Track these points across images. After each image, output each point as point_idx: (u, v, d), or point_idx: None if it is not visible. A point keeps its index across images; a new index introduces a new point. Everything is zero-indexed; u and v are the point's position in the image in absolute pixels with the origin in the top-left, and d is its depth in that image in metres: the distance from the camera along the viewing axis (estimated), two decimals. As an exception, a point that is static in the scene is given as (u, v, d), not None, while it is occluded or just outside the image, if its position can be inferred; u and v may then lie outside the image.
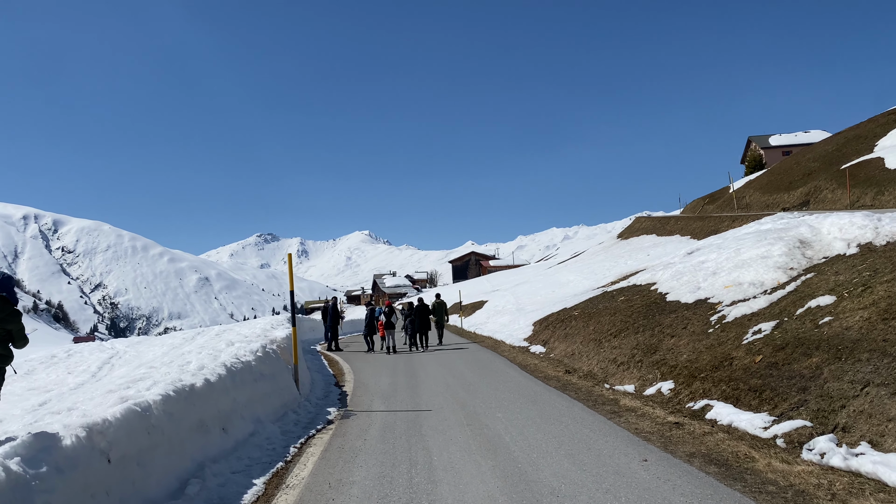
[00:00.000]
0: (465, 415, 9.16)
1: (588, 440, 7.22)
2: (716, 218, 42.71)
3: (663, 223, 52.65)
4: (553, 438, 7.38)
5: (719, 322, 11.58)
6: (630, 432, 7.53)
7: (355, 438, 7.93)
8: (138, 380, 6.50)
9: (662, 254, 33.89)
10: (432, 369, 15.09)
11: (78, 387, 11.15)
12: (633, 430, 7.66)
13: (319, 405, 10.43)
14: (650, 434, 7.39)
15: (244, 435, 7.24)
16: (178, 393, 5.88)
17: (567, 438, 7.35)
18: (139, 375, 7.29)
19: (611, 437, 7.28)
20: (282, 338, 10.92)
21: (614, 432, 7.55)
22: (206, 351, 9.54)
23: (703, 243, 22.96)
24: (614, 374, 12.19)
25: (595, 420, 8.33)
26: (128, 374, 9.19)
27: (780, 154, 78.28)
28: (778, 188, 49.14)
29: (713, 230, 37.32)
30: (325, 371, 15.97)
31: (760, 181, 55.39)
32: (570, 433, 7.61)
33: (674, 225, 49.16)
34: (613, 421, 8.24)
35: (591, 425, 8.01)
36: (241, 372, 7.86)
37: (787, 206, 42.24)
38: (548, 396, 10.40)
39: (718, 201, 60.17)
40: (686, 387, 9.56)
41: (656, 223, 54.69)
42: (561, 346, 16.63)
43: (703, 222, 43.35)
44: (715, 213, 51.04)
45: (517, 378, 12.83)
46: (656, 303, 15.25)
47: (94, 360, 16.06)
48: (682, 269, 17.14)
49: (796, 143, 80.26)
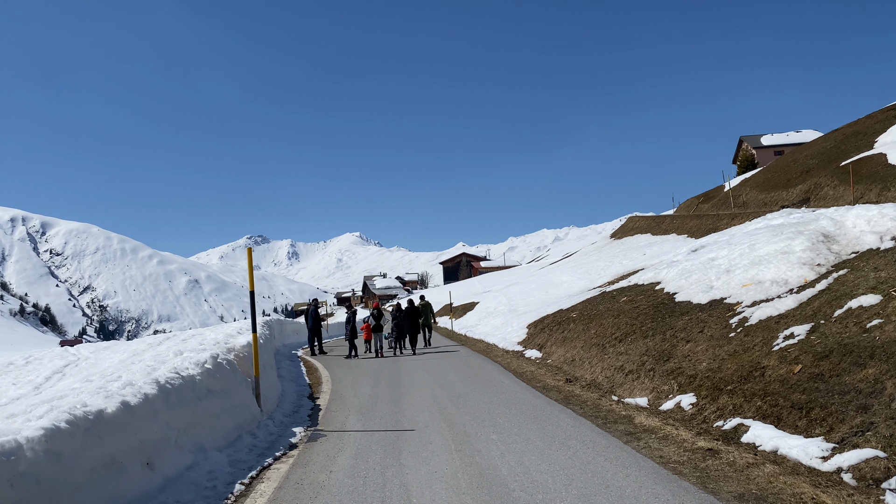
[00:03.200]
0: (453, 436, 7.77)
1: (604, 474, 5.84)
2: (713, 216, 41.52)
3: (658, 222, 51.43)
4: (561, 471, 6.00)
5: (741, 325, 10.24)
6: (654, 462, 6.15)
7: (319, 470, 6.52)
8: (36, 405, 5.09)
9: (660, 252, 32.63)
10: (418, 377, 13.68)
11: (9, 402, 9.69)
12: (658, 458, 6.28)
13: (284, 424, 9.00)
14: (680, 465, 6.02)
15: (178, 469, 5.82)
16: (72, 424, 4.47)
17: (578, 471, 5.97)
18: (50, 396, 5.87)
19: (632, 470, 5.91)
20: (241, 345, 9.51)
21: (635, 462, 6.17)
22: (144, 363, 8.12)
23: (707, 240, 21.67)
24: (622, 384, 10.83)
25: (609, 444, 6.95)
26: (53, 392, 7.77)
27: (773, 154, 77.67)
28: (775, 186, 48.01)
29: (712, 228, 36.10)
30: (301, 380, 14.53)
31: (756, 179, 54.26)
32: (580, 463, 6.23)
33: (669, 224, 47.95)
34: (631, 445, 6.86)
35: (604, 451, 6.64)
36: (179, 389, 6.44)
37: (785, 204, 41.08)
38: (549, 412, 9.01)
39: (713, 200, 59.03)
40: (711, 401, 8.20)
41: (651, 222, 53.46)
42: (559, 350, 15.26)
43: (700, 220, 42.15)
44: (710, 211, 49.89)
45: (512, 388, 11.45)
46: (664, 303, 13.91)
47: (47, 369, 14.57)
48: (689, 266, 15.82)
49: (788, 142, 79.79)
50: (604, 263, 38.38)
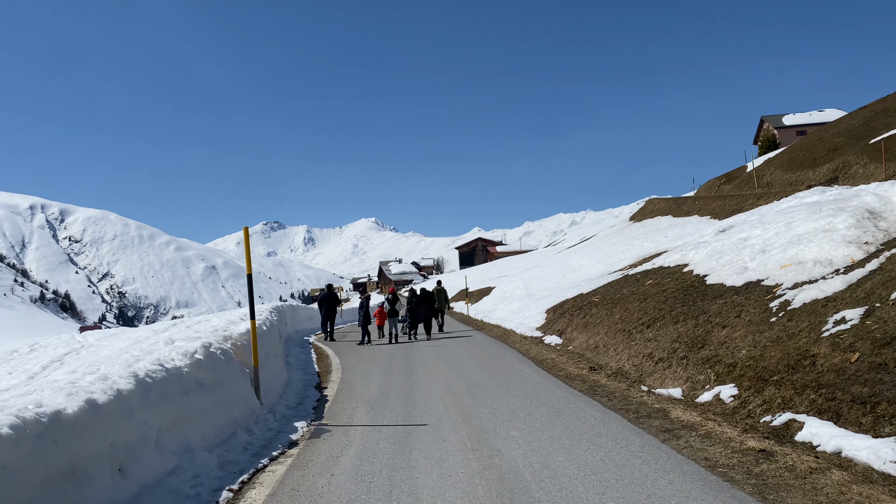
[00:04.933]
0: (469, 432, 7.04)
1: (643, 480, 5.07)
2: (737, 196, 40.38)
3: (679, 204, 50.26)
4: (592, 476, 5.25)
5: (783, 309, 9.39)
6: (700, 465, 5.38)
7: (319, 473, 5.81)
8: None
9: (682, 235, 31.66)
10: (433, 365, 12.97)
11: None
12: (703, 461, 5.50)
13: (286, 418, 8.30)
14: (730, 469, 5.24)
15: (157, 474, 5.13)
16: (18, 430, 3.76)
17: (612, 476, 5.21)
18: (7, 395, 5.20)
19: (675, 475, 5.14)
20: (240, 333, 8.81)
21: (677, 465, 5.40)
22: (129, 354, 7.45)
23: (734, 220, 20.73)
24: (652, 372, 10.04)
25: (644, 443, 6.18)
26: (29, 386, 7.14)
27: (795, 134, 76.09)
28: (801, 165, 46.69)
29: (736, 209, 35.02)
30: (310, 368, 13.87)
31: (781, 159, 52.88)
32: (613, 466, 5.47)
33: (691, 205, 46.78)
34: (670, 445, 6.08)
35: (640, 452, 5.87)
36: (162, 383, 5.73)
37: (812, 183, 39.84)
38: (574, 404, 8.25)
39: (735, 181, 57.70)
40: (755, 393, 7.39)
41: (671, 204, 52.27)
42: (581, 337, 14.47)
43: (724, 201, 41.00)
44: (733, 192, 48.68)
45: (533, 377, 10.70)
46: (694, 286, 13.06)
47: (46, 357, 14.02)
48: (719, 247, 14.93)
49: (811, 122, 78.09)
50: (624, 246, 37.42)
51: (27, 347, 18.11)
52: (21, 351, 17.56)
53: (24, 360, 14.82)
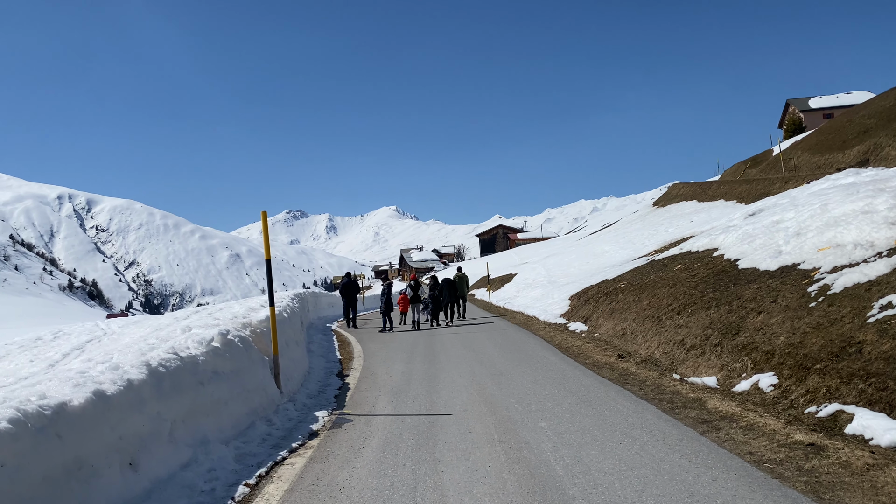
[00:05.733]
0: (495, 423, 6.75)
1: (684, 476, 4.75)
2: (764, 180, 39.48)
3: (704, 188, 49.35)
4: (629, 471, 4.93)
5: (822, 293, 8.96)
6: (744, 460, 5.04)
7: (340, 467, 5.56)
8: None
9: (708, 219, 31.01)
10: (456, 352, 12.70)
11: (13, 382, 8.97)
12: (748, 455, 5.16)
13: (307, 407, 8.08)
14: (778, 465, 4.89)
15: (171, 469, 4.91)
16: (18, 424, 3.52)
17: (650, 471, 4.90)
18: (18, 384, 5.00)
19: (719, 471, 4.81)
20: (259, 320, 8.59)
21: (720, 460, 5.06)
22: (146, 342, 7.26)
23: (764, 204, 20.16)
24: (684, 360, 9.67)
25: (682, 435, 5.84)
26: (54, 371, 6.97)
27: (822, 117, 74.48)
28: (830, 148, 45.60)
29: (763, 192, 34.21)
30: (332, 355, 13.68)
31: (808, 142, 51.71)
32: (651, 460, 5.15)
33: (716, 190, 45.89)
34: (709, 437, 5.74)
35: (678, 445, 5.54)
36: (176, 373, 5.51)
37: (841, 166, 38.85)
38: (604, 393, 7.92)
39: (761, 165, 56.60)
40: (798, 382, 7.01)
41: (696, 189, 51.36)
42: (607, 323, 14.10)
43: (750, 185, 40.12)
44: (759, 176, 47.70)
45: (559, 365, 10.38)
46: (726, 271, 12.62)
47: (68, 345, 13.97)
48: (750, 231, 14.45)
49: (838, 104, 76.33)
50: (648, 232, 36.81)
51: (51, 335, 18.15)
52: (45, 338, 17.59)
53: (47, 347, 14.79)
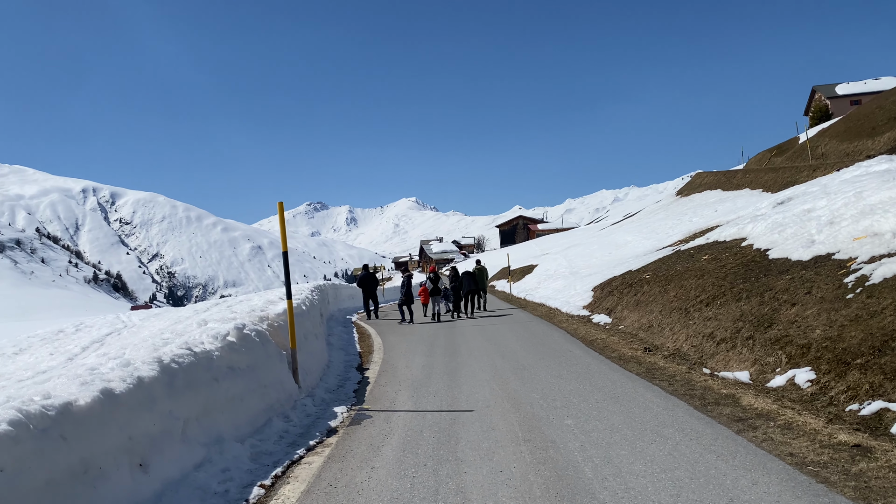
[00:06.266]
0: (519, 420, 6.51)
1: (721, 480, 4.48)
2: (791, 168, 38.69)
3: (728, 177, 48.55)
4: (662, 474, 4.67)
5: (860, 284, 8.58)
6: (786, 462, 4.75)
7: (359, 466, 5.36)
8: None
9: (733, 209, 30.43)
10: (477, 345, 12.46)
11: (32, 376, 8.89)
12: (788, 457, 4.87)
13: (325, 402, 7.89)
14: (822, 468, 4.59)
15: (183, 469, 4.73)
16: (19, 426, 3.34)
17: (685, 474, 4.63)
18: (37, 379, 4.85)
19: (759, 474, 4.52)
20: (276, 314, 8.41)
21: (759, 462, 4.78)
22: (161, 336, 7.11)
23: (793, 192, 19.64)
24: (713, 354, 9.34)
25: (716, 434, 5.56)
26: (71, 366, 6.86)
27: (849, 103, 72.90)
28: (859, 135, 44.57)
29: (790, 181, 33.51)
30: (352, 348, 13.51)
31: (836, 129, 50.59)
32: (685, 462, 4.88)
33: (741, 178, 45.11)
34: (745, 437, 5.45)
35: (713, 445, 5.26)
36: (189, 369, 5.33)
37: (871, 154, 37.93)
38: (632, 389, 7.65)
39: (787, 153, 55.53)
40: (837, 378, 6.68)
41: (720, 178, 50.56)
42: (632, 315, 13.77)
43: (776, 174, 39.35)
44: (785, 164, 46.78)
45: (583, 359, 10.10)
46: (756, 261, 12.24)
47: (88, 338, 13.96)
48: (780, 220, 14.02)
49: (866, 91, 74.59)
50: (671, 222, 36.26)
51: (73, 328, 18.22)
52: (67, 331, 17.65)
53: (68, 340, 14.81)
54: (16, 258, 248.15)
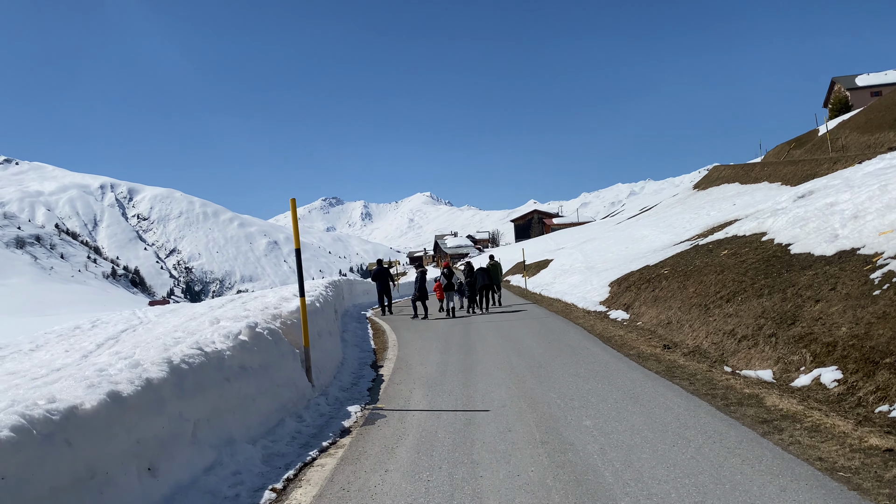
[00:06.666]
0: (536, 420, 6.36)
1: (748, 486, 4.31)
2: (811, 161, 38.10)
3: (747, 170, 47.93)
4: (685, 479, 4.51)
5: (887, 280, 8.33)
6: (815, 468, 4.57)
7: (372, 469, 5.24)
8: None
9: (752, 202, 30.01)
10: (493, 342, 12.32)
11: (46, 374, 8.86)
12: (818, 462, 4.69)
13: (339, 401, 7.79)
14: (854, 474, 4.41)
15: (193, 472, 4.63)
16: (21, 432, 3.25)
17: (709, 480, 4.47)
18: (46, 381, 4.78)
19: (786, 480, 4.35)
20: (289, 311, 8.31)
21: (786, 467, 4.61)
22: (172, 335, 7.03)
23: (813, 185, 19.29)
24: (735, 351, 9.14)
25: (741, 437, 5.38)
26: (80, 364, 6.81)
27: (869, 95, 71.81)
28: (880, 126, 43.88)
29: (810, 174, 33.00)
30: (366, 345, 13.42)
31: (857, 121, 49.83)
32: (709, 466, 4.72)
33: (759, 172, 44.51)
34: (771, 440, 5.27)
35: (737, 448, 5.09)
36: (200, 369, 5.23)
37: (893, 145, 37.30)
38: (652, 388, 7.47)
39: (806, 145, 54.78)
40: (865, 378, 6.47)
41: (738, 171, 49.93)
42: (650, 312, 13.57)
43: (796, 167, 38.78)
44: (804, 157, 46.13)
45: (601, 356, 9.93)
46: (777, 256, 11.99)
47: (104, 335, 13.96)
48: (802, 214, 13.73)
49: (887, 82, 73.56)
50: (689, 216, 35.86)
51: (89, 324, 18.25)
52: (83, 327, 17.68)
53: (84, 336, 14.82)
54: (36, 254, 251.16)
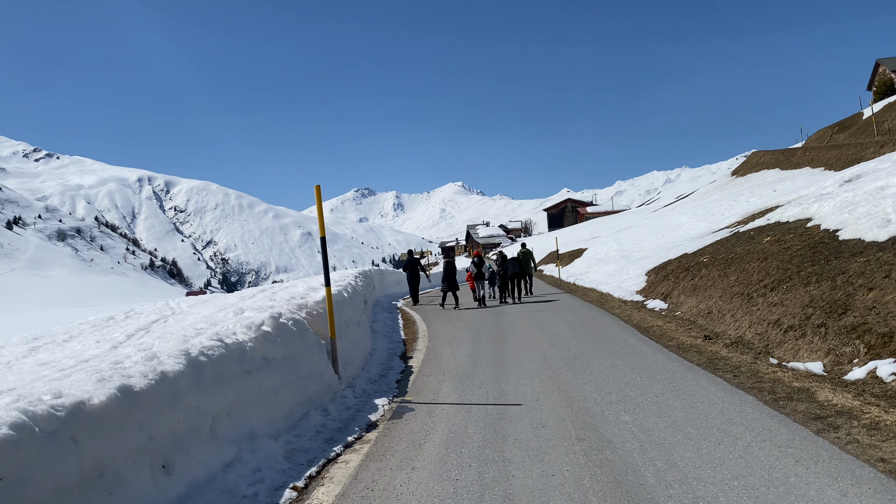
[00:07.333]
0: (571, 415, 6.06)
1: (804, 490, 3.95)
2: (855, 145, 36.83)
3: (787, 156, 46.63)
4: (735, 481, 4.17)
5: (947, 267, 7.83)
6: (877, 469, 4.17)
7: (398, 466, 5.00)
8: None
9: (794, 188, 29.10)
10: (525, 333, 12.01)
11: (74, 365, 8.82)
12: (880, 463, 4.30)
13: (367, 393, 7.57)
14: (922, 478, 4.03)
15: (211, 470, 4.43)
16: (22, 430, 3.06)
17: (760, 482, 4.12)
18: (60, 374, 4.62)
19: (847, 483, 3.99)
20: (315, 301, 8.11)
21: (846, 469, 4.23)
22: (195, 326, 6.88)
23: (861, 169, 18.53)
24: (781, 342, 8.69)
25: (793, 435, 5.01)
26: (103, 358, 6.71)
27: (916, 76, 69.02)
28: (929, 109, 42.23)
29: (855, 158, 31.88)
30: (396, 335, 13.21)
31: (904, 103, 48.04)
32: (760, 467, 4.37)
33: (801, 157, 43.25)
34: (826, 438, 4.89)
35: (790, 448, 4.72)
36: (219, 362, 5.03)
37: (944, 129, 35.83)
38: (693, 381, 7.10)
39: (850, 129, 53.04)
40: (927, 372, 6.03)
41: (778, 156, 48.61)
42: (689, 301, 13.10)
43: (839, 151, 37.53)
44: (848, 141, 44.64)
45: (639, 347, 9.55)
46: (824, 243, 11.44)
47: (135, 325, 13.99)
48: (850, 199, 13.11)
49: (935, 61, 70.51)
50: (727, 203, 34.97)
51: (123, 314, 18.40)
52: (117, 318, 17.82)
53: (117, 327, 14.89)
54: (76, 246, 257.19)
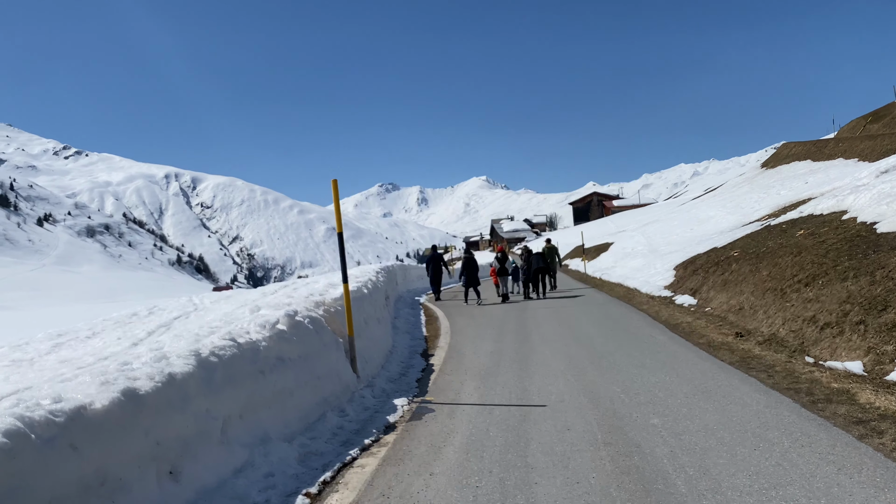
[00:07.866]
0: (598, 418, 5.80)
1: (849, 502, 3.68)
2: (890, 136, 35.87)
3: (819, 147, 45.57)
4: (772, 491, 3.89)
5: None
6: (929, 482, 3.90)
7: (416, 471, 4.79)
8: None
9: (827, 180, 28.38)
10: (550, 329, 11.75)
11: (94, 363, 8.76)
12: (932, 474, 4.01)
13: (386, 393, 7.39)
14: (980, 491, 3.73)
15: (221, 475, 4.27)
16: (15, 437, 2.92)
17: (800, 493, 3.84)
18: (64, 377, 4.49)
19: (893, 495, 3.70)
20: (333, 298, 7.94)
21: (894, 479, 3.94)
22: (210, 325, 6.75)
23: (897, 160, 17.93)
24: (817, 340, 8.33)
25: (833, 440, 4.71)
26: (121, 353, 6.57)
27: (954, 65, 67.10)
28: (967, 97, 40.92)
29: (891, 149, 31.02)
30: (417, 332, 13.03)
31: (941, 92, 46.64)
32: (799, 476, 4.09)
33: (833, 148, 42.21)
34: (870, 444, 4.59)
35: (830, 455, 4.43)
36: (231, 362, 4.87)
37: (983, 117, 34.68)
38: (725, 381, 6.80)
39: (884, 119, 51.69)
40: (978, 373, 5.67)
41: (810, 148, 47.53)
42: (720, 296, 12.73)
43: (874, 142, 36.55)
44: (883, 131, 43.48)
45: (668, 345, 9.25)
46: (861, 236, 11.00)
47: (157, 322, 13.98)
48: (888, 190, 12.64)
49: (977, 48, 68.37)
50: (757, 195, 34.27)
51: (146, 311, 18.45)
52: (140, 314, 17.85)
53: (139, 323, 14.88)
54: (105, 242, 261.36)
